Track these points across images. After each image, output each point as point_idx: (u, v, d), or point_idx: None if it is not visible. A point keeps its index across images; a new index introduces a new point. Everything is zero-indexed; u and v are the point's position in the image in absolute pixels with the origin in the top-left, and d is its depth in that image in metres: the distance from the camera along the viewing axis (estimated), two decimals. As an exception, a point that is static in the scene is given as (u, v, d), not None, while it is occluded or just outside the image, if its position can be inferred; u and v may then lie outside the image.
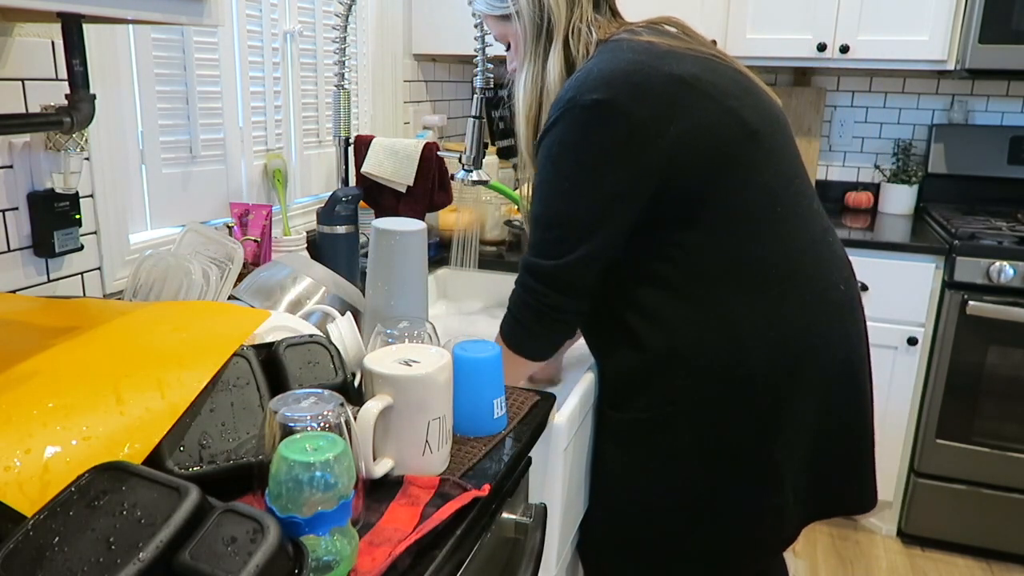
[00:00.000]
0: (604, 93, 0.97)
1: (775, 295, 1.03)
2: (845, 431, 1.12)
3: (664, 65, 1.00)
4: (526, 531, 0.90)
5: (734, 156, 1.01)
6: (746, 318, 1.02)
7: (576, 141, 1.00)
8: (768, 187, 1.03)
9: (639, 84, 0.98)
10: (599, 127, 0.98)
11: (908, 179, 2.54)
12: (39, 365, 0.70)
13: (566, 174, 1.02)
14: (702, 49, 1.06)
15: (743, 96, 1.04)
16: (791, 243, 1.04)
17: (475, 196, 1.84)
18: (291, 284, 1.12)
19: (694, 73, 1.00)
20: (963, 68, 2.17)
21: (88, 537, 0.52)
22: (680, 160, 0.99)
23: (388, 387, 0.77)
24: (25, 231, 1.04)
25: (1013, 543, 2.17)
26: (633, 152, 0.98)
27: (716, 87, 1.01)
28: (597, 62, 1.01)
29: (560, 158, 1.02)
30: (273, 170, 1.53)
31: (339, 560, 0.62)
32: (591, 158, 0.99)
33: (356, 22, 1.86)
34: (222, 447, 0.71)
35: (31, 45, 1.01)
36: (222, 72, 1.39)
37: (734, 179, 1.01)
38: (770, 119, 1.06)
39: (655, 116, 0.97)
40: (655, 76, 0.98)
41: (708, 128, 0.99)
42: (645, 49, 1.01)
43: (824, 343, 1.06)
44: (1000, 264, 2.00)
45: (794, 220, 1.05)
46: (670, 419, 1.06)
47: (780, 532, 1.12)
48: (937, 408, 2.14)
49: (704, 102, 0.99)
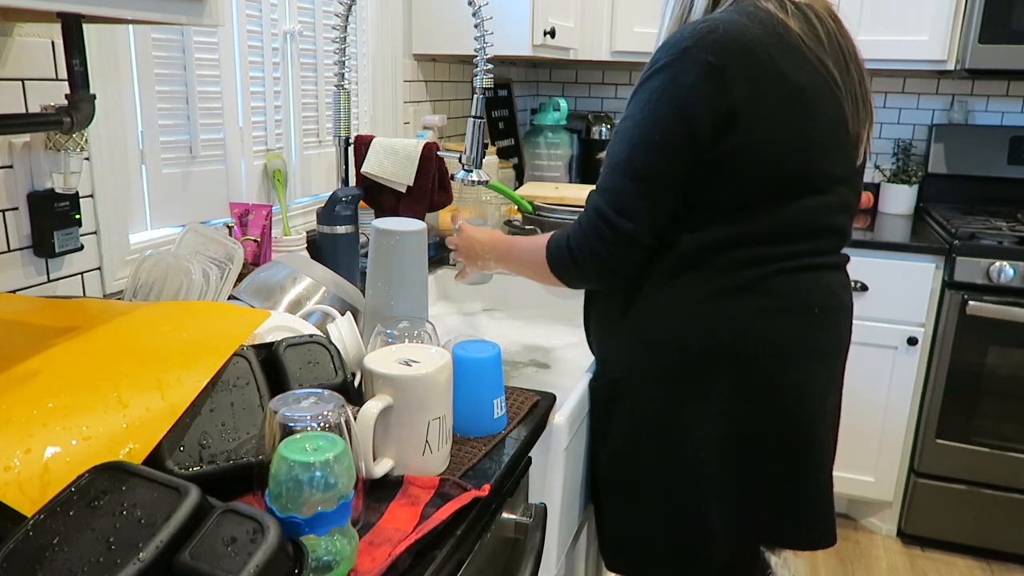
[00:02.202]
0: (719, 58, 0.95)
1: (730, 295, 1.03)
2: (793, 457, 1.09)
3: (781, 60, 0.97)
4: (526, 531, 0.90)
5: (776, 183, 1.00)
6: (694, 303, 1.04)
7: (680, 95, 0.97)
8: (787, 218, 1.02)
9: (751, 65, 0.96)
10: (703, 90, 0.95)
11: (908, 179, 2.55)
12: (39, 365, 0.70)
13: (661, 125, 0.98)
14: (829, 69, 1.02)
15: (826, 140, 1.02)
16: (774, 259, 1.03)
17: (475, 196, 1.84)
18: (291, 284, 1.12)
19: (802, 85, 0.98)
20: (963, 68, 2.17)
21: (88, 537, 0.52)
22: (733, 153, 0.97)
23: (388, 387, 0.77)
24: (25, 231, 1.04)
25: (1013, 543, 2.17)
26: (720, 126, 0.96)
27: (810, 112, 0.99)
28: (725, 19, 0.98)
29: (659, 105, 0.98)
30: (273, 170, 1.53)
31: (339, 560, 0.62)
32: (689, 117, 0.96)
33: (356, 22, 1.86)
34: (222, 447, 0.71)
35: (31, 45, 1.01)
36: (222, 72, 1.39)
37: (760, 196, 1.01)
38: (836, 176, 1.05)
39: (748, 101, 0.96)
40: (768, 65, 0.96)
41: (774, 144, 0.98)
42: (775, 32, 0.98)
43: (774, 353, 1.05)
44: (1000, 264, 2.00)
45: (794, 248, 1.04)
46: (616, 387, 1.12)
47: (703, 543, 1.10)
48: (937, 408, 2.14)
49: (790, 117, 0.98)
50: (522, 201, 1.74)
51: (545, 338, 1.49)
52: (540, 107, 2.60)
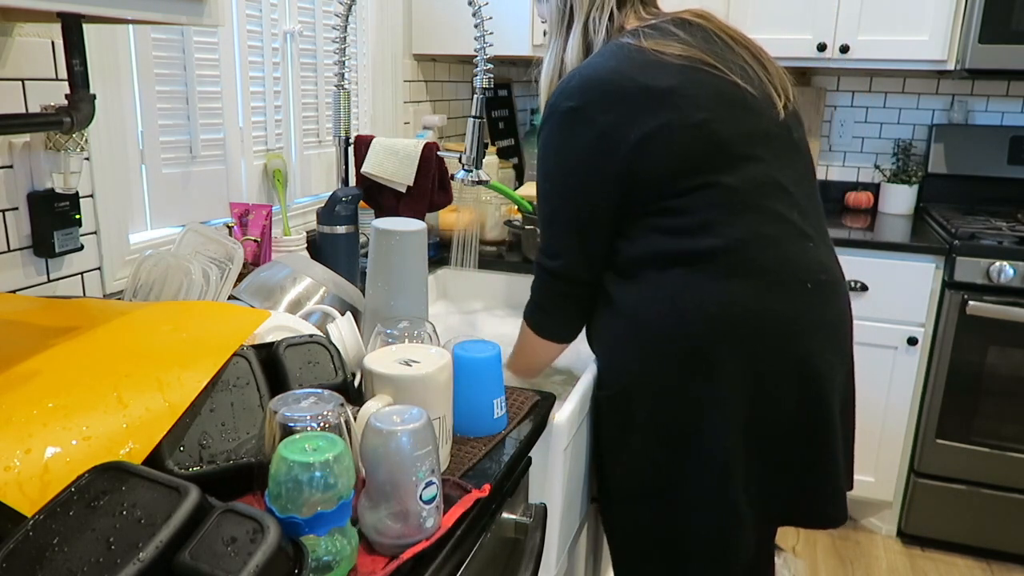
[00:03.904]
0: (577, 101, 1.07)
1: (722, 277, 1.04)
2: (806, 433, 1.10)
3: (641, 75, 1.05)
4: (526, 531, 0.90)
5: (694, 164, 1.05)
6: (688, 294, 1.05)
7: (556, 145, 1.10)
8: (730, 189, 1.05)
9: (609, 92, 1.05)
10: (572, 133, 1.07)
11: (908, 179, 2.54)
12: (39, 365, 0.70)
13: (551, 176, 1.12)
14: (701, 57, 1.08)
15: (722, 108, 1.06)
16: (748, 238, 1.05)
17: (475, 196, 1.84)
18: (291, 284, 1.12)
19: (670, 86, 1.05)
20: (963, 68, 2.17)
21: (88, 537, 0.52)
22: (638, 164, 1.05)
23: (388, 387, 0.77)
24: (25, 231, 1.04)
25: (1013, 543, 2.17)
26: (601, 158, 1.06)
27: (688, 99, 1.05)
28: (586, 66, 1.10)
29: (546, 160, 1.12)
30: (273, 170, 1.53)
31: (339, 560, 0.62)
32: (570, 162, 1.09)
33: (356, 22, 1.86)
34: (222, 447, 0.71)
35: (31, 45, 1.01)
36: (222, 72, 1.39)
37: (690, 183, 1.05)
38: (752, 132, 1.08)
39: (618, 124, 1.04)
40: (628, 86, 1.05)
41: (667, 137, 1.04)
42: (632, 57, 1.08)
43: (777, 331, 1.06)
44: (1000, 264, 2.00)
45: (758, 218, 1.06)
46: (626, 393, 1.11)
47: (739, 535, 1.11)
48: (937, 408, 2.14)
49: (669, 113, 1.04)
50: (522, 201, 1.74)
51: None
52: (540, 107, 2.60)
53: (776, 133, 1.11)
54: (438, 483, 0.68)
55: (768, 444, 1.09)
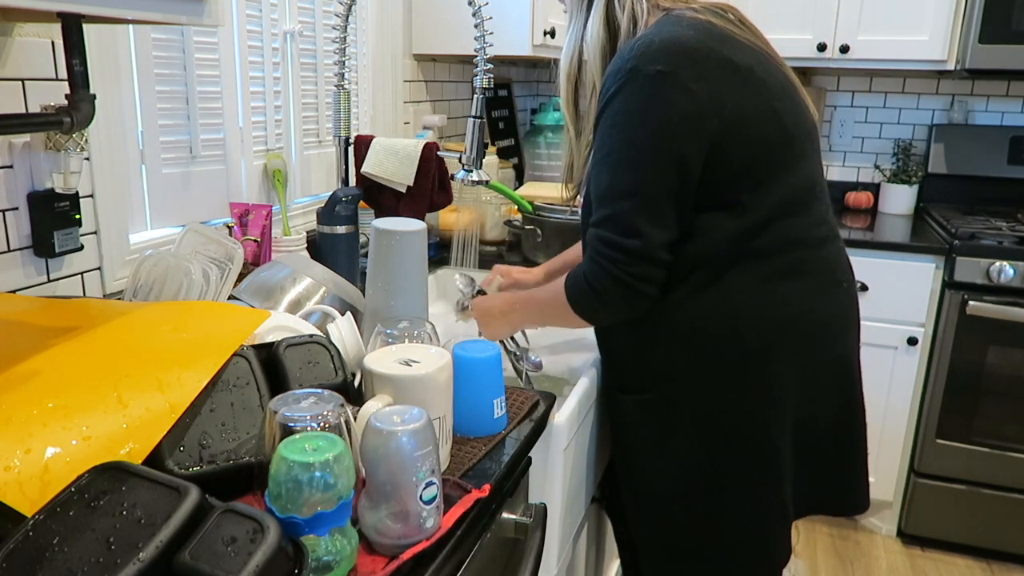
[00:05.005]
0: (665, 65, 0.96)
1: (776, 280, 1.04)
2: (841, 427, 1.13)
3: (723, 48, 0.99)
4: (526, 531, 0.90)
5: (767, 155, 1.01)
6: (743, 296, 1.03)
7: (641, 109, 0.98)
8: (791, 188, 1.04)
9: (698, 61, 0.97)
10: (663, 97, 0.97)
11: (908, 179, 2.54)
12: (39, 365, 0.70)
13: (634, 142, 0.99)
14: (756, 43, 1.06)
15: (786, 99, 1.04)
16: (800, 239, 1.05)
17: (475, 196, 1.84)
18: (291, 284, 1.12)
19: (749, 65, 1.00)
20: (963, 68, 2.17)
21: (88, 537, 0.52)
22: (722, 146, 0.98)
23: (388, 387, 0.77)
24: (25, 231, 1.04)
25: (1013, 543, 2.17)
26: (694, 124, 0.97)
27: (766, 85, 1.02)
28: (657, 32, 1.00)
29: (626, 126, 1.00)
30: (273, 170, 1.53)
31: (339, 560, 0.62)
32: (658, 124, 0.97)
33: (356, 22, 1.86)
34: (222, 447, 0.71)
35: (31, 45, 1.01)
36: (222, 72, 1.39)
37: (761, 176, 1.01)
38: (804, 126, 1.07)
39: (711, 97, 0.97)
40: (713, 57, 0.98)
41: (752, 123, 0.99)
42: (705, 28, 1.01)
43: (823, 330, 1.08)
44: (1000, 264, 2.00)
45: (807, 219, 1.06)
46: (672, 396, 1.08)
47: (783, 532, 1.12)
48: (937, 408, 2.14)
49: (754, 98, 1.00)
50: (522, 201, 1.74)
51: (546, 338, 1.49)
52: (540, 107, 2.60)
53: (813, 130, 1.10)
54: (438, 483, 0.68)
55: (813, 440, 1.11)
